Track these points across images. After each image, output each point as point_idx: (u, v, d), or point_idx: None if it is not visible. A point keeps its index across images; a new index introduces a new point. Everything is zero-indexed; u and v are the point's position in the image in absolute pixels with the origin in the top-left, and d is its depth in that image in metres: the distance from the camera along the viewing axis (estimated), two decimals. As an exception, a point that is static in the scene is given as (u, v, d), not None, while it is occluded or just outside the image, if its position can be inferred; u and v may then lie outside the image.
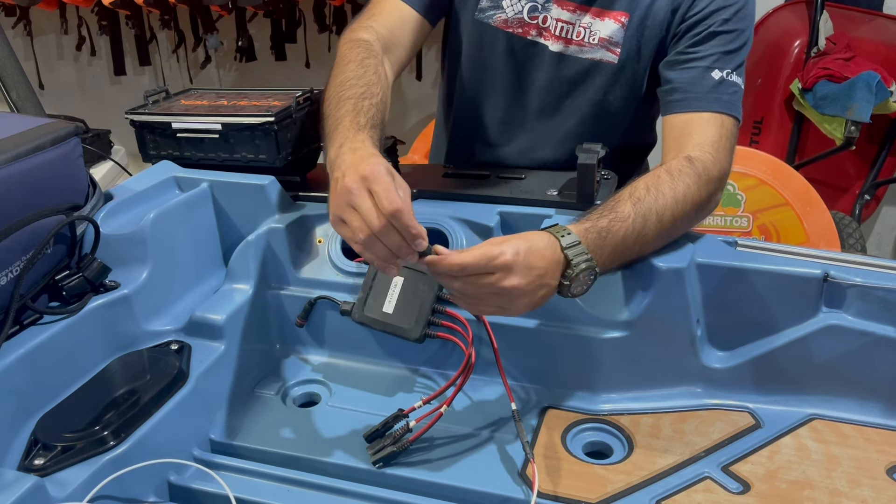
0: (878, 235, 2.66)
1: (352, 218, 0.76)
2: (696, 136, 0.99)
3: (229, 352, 0.93)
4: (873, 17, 2.33)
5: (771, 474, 0.80)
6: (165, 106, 1.16)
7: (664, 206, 0.89)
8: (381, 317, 0.93)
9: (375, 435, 0.83)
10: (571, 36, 1.11)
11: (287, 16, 2.76)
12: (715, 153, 0.97)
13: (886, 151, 2.36)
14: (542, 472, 0.81)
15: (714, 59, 1.03)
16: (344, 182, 0.76)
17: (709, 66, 1.03)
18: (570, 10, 1.10)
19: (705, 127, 1.00)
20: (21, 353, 0.79)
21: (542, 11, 1.10)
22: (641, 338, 0.89)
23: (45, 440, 0.75)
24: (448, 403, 0.85)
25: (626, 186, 0.91)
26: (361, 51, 1.04)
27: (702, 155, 0.96)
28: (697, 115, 1.01)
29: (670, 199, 0.89)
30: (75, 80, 3.32)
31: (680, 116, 1.03)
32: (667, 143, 1.04)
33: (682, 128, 1.02)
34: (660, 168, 0.95)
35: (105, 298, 0.89)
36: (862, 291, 0.85)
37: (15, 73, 1.79)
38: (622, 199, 0.88)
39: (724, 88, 1.02)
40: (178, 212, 0.99)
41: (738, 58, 1.05)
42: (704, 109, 1.01)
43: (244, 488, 0.79)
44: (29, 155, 0.84)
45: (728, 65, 1.03)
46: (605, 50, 1.10)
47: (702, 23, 1.05)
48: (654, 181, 0.91)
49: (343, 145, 0.85)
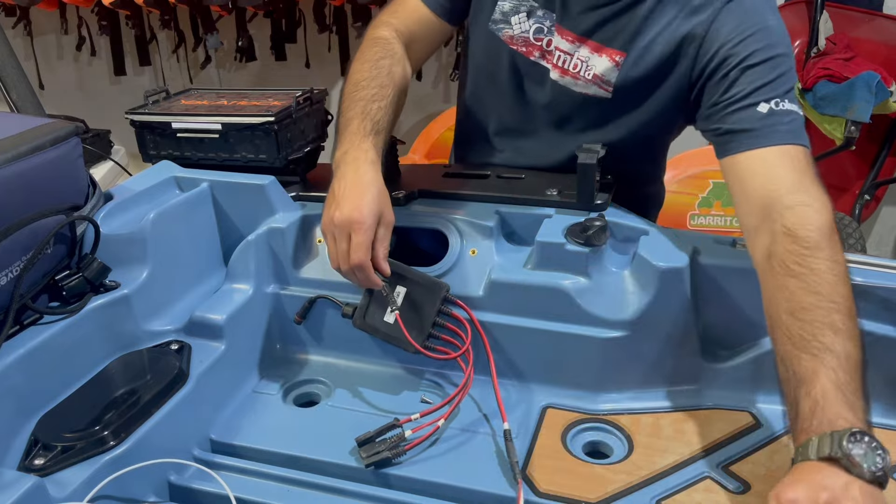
0: (878, 235, 2.66)
1: (331, 247, 0.90)
2: (773, 187, 0.86)
3: (229, 352, 0.93)
4: (873, 17, 2.33)
5: (771, 474, 0.80)
6: (165, 106, 1.16)
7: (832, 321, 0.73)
8: (381, 326, 0.93)
9: (367, 440, 0.83)
10: (568, 67, 1.08)
11: (287, 16, 2.76)
12: (807, 195, 0.84)
13: (886, 151, 2.36)
14: (542, 471, 0.81)
15: (752, 93, 0.92)
16: (335, 214, 0.88)
17: (751, 104, 0.92)
18: (569, 41, 1.07)
19: (778, 171, 0.87)
20: (21, 353, 0.79)
21: (547, 35, 1.09)
22: (641, 338, 0.89)
23: (45, 440, 0.75)
24: (445, 418, 0.85)
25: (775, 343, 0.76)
26: (378, 50, 1.07)
27: (797, 212, 0.82)
28: (764, 152, 0.89)
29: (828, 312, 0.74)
30: (75, 80, 3.32)
31: (739, 159, 0.91)
32: (737, 193, 0.91)
33: (747, 172, 0.90)
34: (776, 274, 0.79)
35: (105, 298, 0.89)
36: (862, 291, 0.84)
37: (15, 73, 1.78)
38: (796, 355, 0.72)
39: (778, 118, 0.90)
40: (178, 212, 0.99)
41: (782, 86, 0.93)
42: (768, 145, 0.89)
43: (244, 488, 0.79)
44: (29, 155, 0.84)
45: (772, 94, 0.92)
46: (598, 87, 1.06)
47: (723, 65, 0.95)
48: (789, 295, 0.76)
49: (348, 152, 0.93)
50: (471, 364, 0.89)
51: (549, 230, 0.94)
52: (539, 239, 0.93)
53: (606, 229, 0.93)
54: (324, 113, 1.19)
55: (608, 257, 0.94)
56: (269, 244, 1.01)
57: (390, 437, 0.83)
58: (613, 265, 0.93)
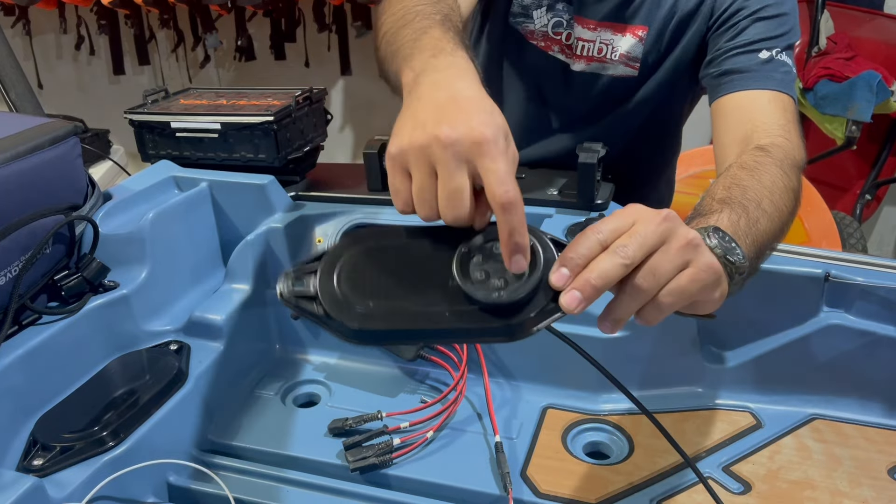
0: (879, 235, 2.66)
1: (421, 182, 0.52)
2: (760, 120, 0.88)
3: (229, 352, 0.92)
4: (874, 16, 2.33)
5: (772, 474, 0.80)
6: (164, 105, 1.16)
7: (759, 195, 0.71)
8: None
9: (354, 445, 0.82)
10: (593, 53, 1.09)
11: (286, 15, 2.76)
12: (789, 136, 0.86)
13: (887, 151, 2.36)
14: (543, 472, 0.81)
15: (757, 42, 0.96)
16: (441, 131, 0.51)
17: (754, 49, 0.96)
18: (591, 28, 1.09)
19: (767, 108, 0.90)
20: (20, 354, 0.79)
21: (567, 28, 1.09)
22: (641, 338, 0.89)
23: (45, 440, 0.75)
24: (435, 430, 0.85)
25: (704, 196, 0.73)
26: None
27: (775, 140, 0.85)
28: (754, 94, 0.92)
29: (759, 189, 0.73)
30: (74, 79, 3.32)
31: (732, 97, 0.94)
32: (721, 129, 0.93)
33: (737, 108, 0.93)
34: (730, 167, 0.79)
35: (104, 298, 0.89)
36: (863, 291, 0.84)
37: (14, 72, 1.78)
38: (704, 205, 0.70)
39: (774, 66, 0.94)
40: (177, 212, 0.99)
41: (785, 40, 0.97)
42: (760, 88, 0.93)
43: (243, 488, 0.79)
44: (28, 154, 0.84)
45: (775, 44, 0.96)
46: (625, 66, 1.09)
47: (736, 15, 0.99)
48: (731, 180, 0.74)
49: (438, 56, 0.61)
50: (464, 380, 0.89)
51: (549, 230, 0.94)
52: (539, 239, 0.93)
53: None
54: (324, 112, 1.19)
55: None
56: (268, 244, 1.01)
57: (378, 444, 0.82)
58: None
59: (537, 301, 0.49)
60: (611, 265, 0.50)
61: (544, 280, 0.50)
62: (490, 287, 0.49)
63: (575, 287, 0.50)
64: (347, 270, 0.52)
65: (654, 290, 0.52)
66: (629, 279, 0.51)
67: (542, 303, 0.49)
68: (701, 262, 0.53)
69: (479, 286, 0.50)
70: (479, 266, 0.50)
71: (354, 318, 0.50)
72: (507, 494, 0.76)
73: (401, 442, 0.83)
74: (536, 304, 0.49)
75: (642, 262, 0.51)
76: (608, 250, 0.51)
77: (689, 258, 0.53)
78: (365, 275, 0.52)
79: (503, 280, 0.49)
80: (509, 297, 0.49)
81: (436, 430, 0.85)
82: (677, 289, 0.52)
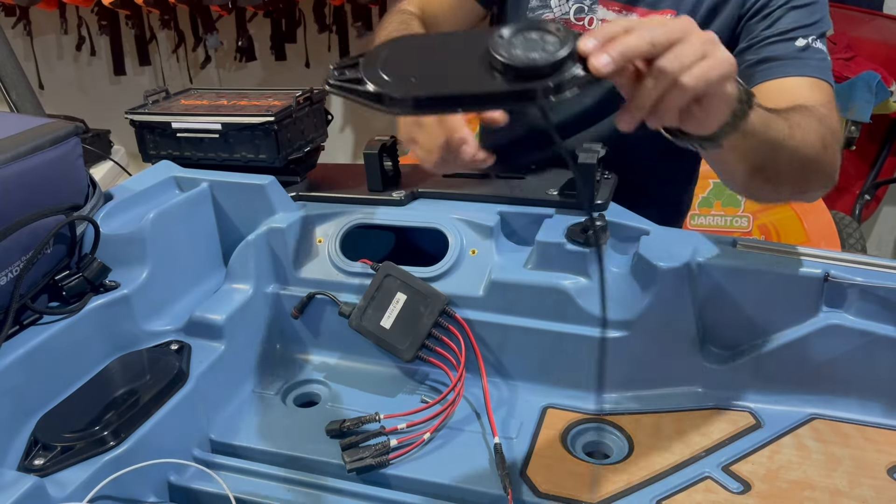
0: (879, 235, 2.66)
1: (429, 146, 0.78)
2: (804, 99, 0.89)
3: (229, 352, 0.92)
4: (873, 16, 2.33)
5: (771, 474, 0.80)
6: (165, 106, 1.16)
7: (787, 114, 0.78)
8: (377, 330, 0.93)
9: (351, 445, 0.82)
10: None
11: (287, 16, 2.76)
12: (830, 112, 0.87)
13: (886, 151, 2.36)
14: (543, 471, 0.81)
15: (792, 30, 0.97)
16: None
17: (790, 38, 0.96)
18: (616, 10, 1.07)
19: (808, 93, 0.91)
20: (21, 353, 0.79)
21: (589, 13, 1.08)
22: (641, 338, 0.89)
23: (45, 440, 0.75)
24: (433, 431, 0.85)
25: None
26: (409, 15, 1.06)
27: (817, 106, 0.86)
28: (795, 80, 0.93)
29: (787, 112, 0.79)
30: (75, 79, 3.32)
31: (773, 84, 0.94)
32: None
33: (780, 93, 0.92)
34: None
35: (105, 298, 0.89)
36: (863, 291, 0.85)
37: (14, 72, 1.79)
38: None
39: (811, 54, 0.95)
40: (177, 212, 0.99)
41: (819, 28, 0.98)
42: (799, 74, 0.94)
43: (244, 488, 0.79)
44: (28, 155, 0.84)
45: (810, 32, 0.96)
46: None
47: (769, 4, 1.00)
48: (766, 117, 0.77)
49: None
50: (462, 382, 0.90)
51: (549, 230, 0.94)
52: (539, 239, 0.93)
53: (606, 229, 0.93)
54: (324, 113, 1.19)
55: (608, 257, 0.94)
56: (268, 244, 1.01)
57: (375, 445, 0.82)
58: (613, 265, 0.93)
59: (569, 67, 0.55)
60: (638, 40, 0.56)
61: (574, 51, 0.55)
62: (526, 57, 0.54)
63: (605, 51, 0.55)
64: (390, 59, 0.58)
65: (677, 72, 0.57)
66: (654, 63, 0.57)
67: (574, 69, 0.55)
68: (719, 54, 0.59)
69: (515, 56, 0.54)
70: (512, 44, 0.55)
71: (398, 89, 0.55)
72: (506, 495, 0.76)
73: (398, 443, 0.83)
74: (568, 69, 0.54)
75: (667, 47, 0.57)
76: (634, 32, 0.56)
77: (709, 49, 0.59)
78: (407, 61, 0.58)
79: (538, 53, 0.54)
80: (544, 60, 0.54)
81: (434, 431, 0.85)
82: (699, 71, 0.58)
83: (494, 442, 0.82)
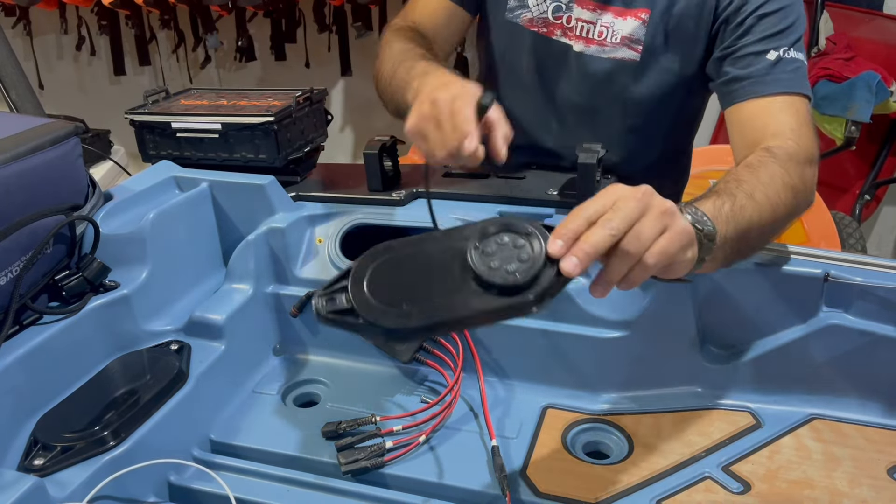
0: (878, 235, 2.66)
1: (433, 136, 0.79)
2: (772, 127, 0.93)
3: (229, 352, 0.92)
4: (873, 16, 2.33)
5: (771, 474, 0.80)
6: (165, 106, 1.16)
7: (752, 187, 0.79)
8: None
9: (347, 447, 0.82)
10: (593, 35, 1.09)
11: (287, 16, 2.76)
12: (797, 139, 0.90)
13: (886, 151, 2.36)
14: (542, 471, 0.81)
15: (764, 41, 0.98)
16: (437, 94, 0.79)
17: (761, 50, 0.98)
18: (591, 10, 1.08)
19: (778, 115, 0.94)
20: (21, 353, 0.79)
21: (566, 11, 1.09)
22: (641, 338, 0.89)
23: (45, 440, 0.75)
24: (429, 432, 0.85)
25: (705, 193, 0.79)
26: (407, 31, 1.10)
27: (783, 143, 0.89)
28: (766, 101, 0.96)
29: (754, 182, 0.80)
30: (75, 79, 3.32)
31: (745, 106, 0.97)
32: (736, 139, 0.97)
33: (750, 118, 0.96)
34: (737, 166, 0.86)
35: (105, 298, 0.89)
36: (863, 291, 0.85)
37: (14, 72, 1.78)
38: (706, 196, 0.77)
39: (783, 67, 0.96)
40: (177, 212, 0.99)
41: (792, 35, 0.99)
42: (768, 93, 0.96)
43: (244, 488, 0.79)
44: (28, 155, 0.84)
45: (781, 42, 0.97)
46: (627, 48, 1.07)
47: (739, 11, 1.00)
48: (731, 175, 0.82)
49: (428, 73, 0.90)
50: (458, 383, 0.89)
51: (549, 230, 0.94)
52: (539, 239, 0.93)
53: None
54: (324, 113, 1.19)
55: (608, 257, 0.94)
56: (268, 244, 1.01)
57: (370, 447, 0.82)
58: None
59: (545, 275, 0.59)
60: (600, 236, 0.60)
61: (546, 257, 0.59)
62: (505, 272, 0.58)
63: (572, 254, 0.59)
64: (375, 282, 0.61)
65: (639, 252, 0.61)
66: (617, 246, 0.60)
67: (550, 275, 0.59)
68: (677, 226, 0.63)
69: (496, 273, 0.58)
70: (489, 258, 0.59)
71: (392, 320, 0.59)
72: (504, 496, 0.76)
73: (393, 445, 0.83)
74: (545, 277, 0.59)
75: (627, 231, 0.60)
76: (597, 224, 0.60)
77: (667, 223, 0.62)
78: (392, 283, 0.61)
79: (514, 264, 0.59)
80: (523, 277, 0.58)
81: (431, 433, 0.85)
82: (659, 249, 0.62)
83: (492, 445, 0.82)
